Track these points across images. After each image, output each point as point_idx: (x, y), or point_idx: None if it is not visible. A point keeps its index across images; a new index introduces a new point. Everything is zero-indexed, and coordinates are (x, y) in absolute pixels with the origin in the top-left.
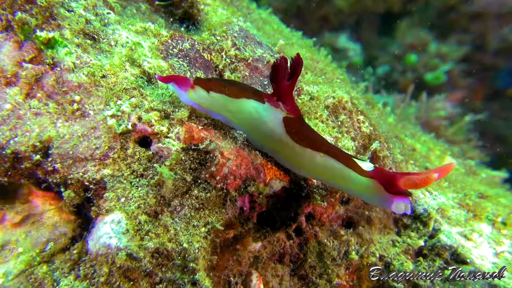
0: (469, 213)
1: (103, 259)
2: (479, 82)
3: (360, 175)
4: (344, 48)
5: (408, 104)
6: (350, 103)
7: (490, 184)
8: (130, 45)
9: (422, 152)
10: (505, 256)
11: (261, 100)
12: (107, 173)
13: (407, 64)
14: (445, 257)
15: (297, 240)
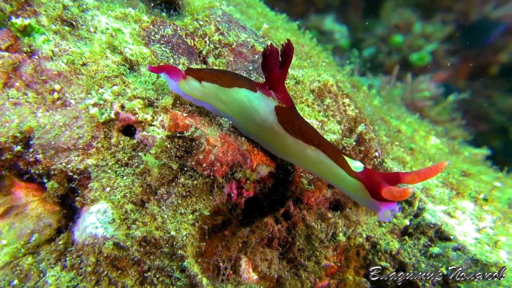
0: (452, 191)
1: (89, 249)
2: (462, 61)
3: (348, 174)
4: (330, 31)
5: (394, 85)
6: (336, 87)
7: (473, 162)
8: (110, 31)
9: (407, 133)
10: (487, 232)
11: (253, 89)
12: (91, 163)
13: (393, 45)
14: (429, 235)
15: (285, 224)
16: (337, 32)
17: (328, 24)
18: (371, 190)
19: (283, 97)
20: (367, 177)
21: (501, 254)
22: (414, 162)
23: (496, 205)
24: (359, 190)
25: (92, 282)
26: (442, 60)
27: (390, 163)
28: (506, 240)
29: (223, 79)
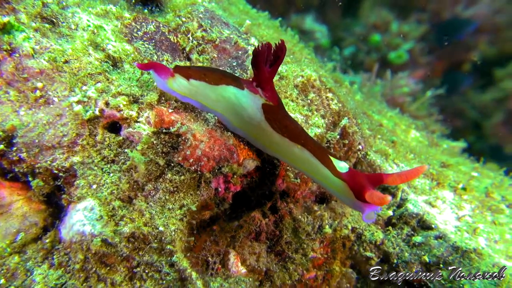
0: (433, 182)
1: (77, 247)
2: (438, 59)
3: (333, 174)
4: (311, 30)
5: (374, 82)
6: (319, 81)
7: (451, 154)
8: (92, 28)
9: (389, 126)
10: (466, 220)
11: (240, 86)
12: (77, 161)
13: (371, 44)
14: (412, 224)
15: (273, 218)
16: (318, 31)
17: (308, 23)
18: (355, 191)
19: (270, 95)
20: (351, 178)
21: (479, 240)
22: (396, 154)
23: (474, 194)
24: (344, 190)
25: (80, 279)
26: (419, 58)
27: (373, 155)
28: (484, 227)
29: (210, 77)
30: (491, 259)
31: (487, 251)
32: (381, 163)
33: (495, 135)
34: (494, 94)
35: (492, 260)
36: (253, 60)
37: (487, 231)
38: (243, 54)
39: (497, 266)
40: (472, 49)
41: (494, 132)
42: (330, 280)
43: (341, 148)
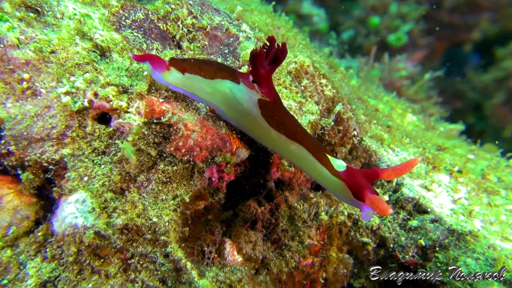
0: (428, 165)
1: (70, 239)
2: (438, 40)
3: (330, 173)
4: (309, 14)
5: (372, 66)
6: (312, 68)
7: (448, 137)
8: (79, 17)
9: (385, 111)
10: (462, 202)
11: (236, 80)
12: (67, 153)
13: (370, 27)
14: (408, 209)
15: (268, 206)
16: (315, 15)
17: (306, 7)
18: (353, 190)
19: (267, 91)
20: (349, 176)
21: (475, 223)
22: (392, 139)
23: (470, 177)
24: (342, 189)
25: (74, 272)
26: (418, 40)
27: (368, 141)
28: (480, 210)
29: (205, 70)
30: (486, 241)
31: (483, 233)
32: (376, 148)
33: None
34: (495, 74)
35: (488, 241)
36: (250, 58)
37: (483, 213)
38: (235, 41)
39: (492, 248)
40: (473, 29)
41: (495, 113)
42: (327, 266)
43: (336, 134)
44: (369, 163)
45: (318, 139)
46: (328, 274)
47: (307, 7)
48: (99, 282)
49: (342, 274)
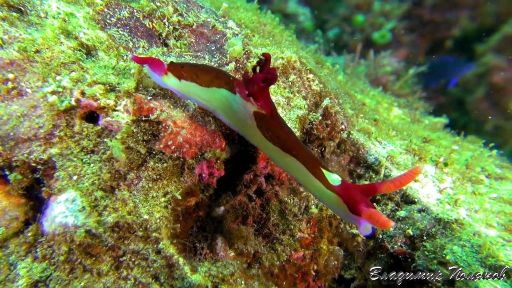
0: (415, 157)
1: (61, 239)
2: (421, 37)
3: (325, 187)
4: (295, 13)
5: (358, 63)
6: (299, 63)
7: (433, 129)
8: (63, 16)
9: (371, 105)
10: (447, 192)
11: (232, 89)
12: (55, 152)
13: (355, 25)
14: (396, 199)
15: (259, 201)
16: (301, 14)
17: (291, 7)
18: (349, 205)
19: (263, 104)
20: (344, 191)
21: (461, 211)
22: (379, 132)
23: (455, 167)
24: (337, 203)
25: (66, 271)
26: (402, 37)
27: (356, 134)
28: (465, 198)
29: (202, 78)
30: (471, 228)
31: (468, 220)
32: (364, 141)
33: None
34: (475, 69)
35: (473, 229)
36: (243, 78)
37: (468, 201)
38: (222, 38)
39: (477, 235)
40: (453, 26)
41: (476, 107)
42: (318, 259)
43: (324, 129)
44: (357, 156)
45: (307, 134)
46: (319, 266)
47: (292, 6)
48: (91, 280)
49: (333, 265)
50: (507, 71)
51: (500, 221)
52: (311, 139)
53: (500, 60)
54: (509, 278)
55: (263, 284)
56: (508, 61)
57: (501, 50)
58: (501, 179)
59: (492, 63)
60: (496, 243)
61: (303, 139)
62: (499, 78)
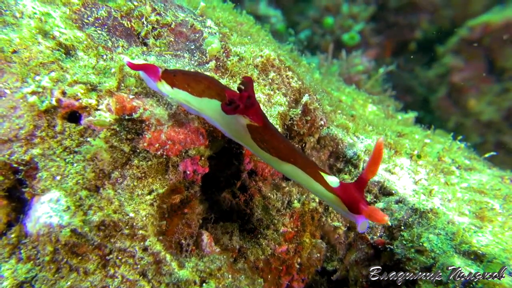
0: (391, 151)
1: (45, 239)
2: (387, 39)
3: (326, 189)
4: (266, 15)
5: (331, 63)
6: (278, 61)
7: (406, 124)
8: (39, 16)
9: (348, 102)
10: (422, 183)
11: (224, 100)
12: (37, 153)
13: (326, 27)
14: (374, 192)
15: (243, 197)
16: (273, 16)
17: (262, 9)
18: (348, 205)
19: (254, 118)
20: (344, 192)
21: (435, 201)
22: (356, 127)
23: (428, 159)
24: (338, 203)
25: (52, 271)
26: (370, 39)
27: (334, 130)
28: (438, 188)
29: (194, 87)
30: (445, 217)
31: (442, 210)
32: (342, 136)
33: (440, 109)
34: (437, 70)
35: (447, 217)
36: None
37: (441, 191)
38: (201, 36)
39: (451, 223)
40: (415, 28)
41: (439, 106)
42: (302, 252)
43: (304, 125)
44: (336, 151)
45: (288, 130)
46: (302, 259)
47: (263, 8)
48: (78, 279)
49: (316, 258)
50: (465, 71)
51: (471, 209)
52: (292, 135)
53: (458, 61)
54: (481, 263)
55: (249, 277)
56: (465, 62)
57: (458, 52)
58: (470, 170)
59: (451, 64)
60: (469, 230)
61: (285, 135)
62: (458, 78)
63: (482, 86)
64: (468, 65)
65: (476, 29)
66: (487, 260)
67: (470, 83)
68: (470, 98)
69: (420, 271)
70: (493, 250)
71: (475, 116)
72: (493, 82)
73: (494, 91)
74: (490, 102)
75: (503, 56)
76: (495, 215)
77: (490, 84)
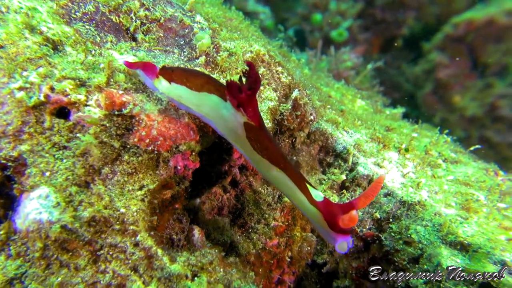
0: (379, 145)
1: (35, 235)
2: (374, 36)
3: (309, 202)
4: (255, 12)
5: (320, 59)
6: (268, 56)
7: (394, 119)
8: (25, 10)
9: (337, 97)
10: (410, 176)
11: (223, 96)
12: (25, 149)
13: (314, 24)
14: (363, 185)
15: (234, 192)
16: (261, 13)
17: (251, 5)
18: (329, 221)
19: (252, 116)
20: (326, 208)
21: (422, 193)
22: (345, 122)
23: (415, 153)
24: (318, 219)
25: (42, 267)
26: (358, 35)
27: (324, 124)
28: (426, 181)
29: (192, 82)
30: (432, 209)
31: (429, 202)
32: (332, 131)
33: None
34: (423, 66)
35: (434, 209)
36: (227, 88)
37: (428, 184)
38: (190, 32)
39: (438, 214)
40: (402, 25)
41: (425, 102)
42: (292, 245)
43: (294, 120)
44: (326, 146)
45: (278, 125)
46: (293, 253)
47: (252, 5)
48: (69, 275)
49: (306, 251)
50: (450, 68)
51: (457, 200)
52: (282, 130)
53: (443, 58)
54: (467, 253)
55: (240, 271)
56: (450, 59)
57: (443, 48)
58: (456, 163)
59: (437, 60)
60: (455, 221)
61: (275, 130)
62: (443, 74)
63: (466, 82)
64: (453, 62)
65: (460, 26)
66: (473, 249)
67: (455, 80)
68: (455, 94)
69: (408, 262)
70: (478, 240)
71: (460, 111)
72: (476, 78)
73: (477, 87)
74: (473, 98)
75: (486, 52)
76: (480, 206)
77: (473, 80)
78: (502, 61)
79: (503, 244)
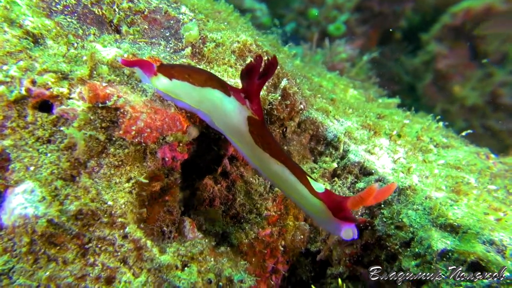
0: (370, 132)
1: (21, 230)
2: (372, 29)
3: (311, 194)
4: (251, 8)
5: (315, 51)
6: (255, 45)
7: (386, 108)
8: (4, 4)
9: (328, 87)
10: (400, 162)
11: (226, 92)
12: (8, 144)
13: (311, 19)
14: (355, 172)
15: (225, 183)
16: (258, 9)
17: (248, 2)
18: (333, 209)
19: (257, 109)
20: (328, 198)
21: (413, 178)
22: (336, 110)
23: (406, 139)
24: (322, 210)
25: (29, 262)
26: (355, 28)
27: (314, 113)
28: (416, 166)
29: (195, 78)
30: (423, 193)
31: (420, 186)
32: (322, 119)
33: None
34: (422, 57)
35: (424, 193)
36: (243, 72)
37: (419, 169)
38: (176, 23)
39: (429, 198)
40: (400, 17)
41: (425, 93)
42: (285, 234)
43: (284, 109)
44: (317, 134)
45: (267, 114)
46: (286, 242)
47: (248, 2)
48: (57, 269)
49: (300, 240)
50: (449, 58)
51: (448, 184)
52: (272, 120)
53: (442, 48)
54: (457, 234)
55: (232, 260)
56: (449, 49)
57: (442, 38)
58: (447, 147)
59: (435, 51)
60: (445, 204)
61: (265, 120)
62: (443, 65)
63: (466, 72)
64: (452, 52)
65: (458, 15)
66: (462, 231)
67: (454, 70)
68: (455, 84)
69: (400, 246)
70: (468, 221)
71: (460, 101)
72: (476, 67)
73: (477, 76)
74: (474, 87)
75: (485, 41)
76: (471, 188)
77: (473, 69)
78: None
79: (492, 224)
